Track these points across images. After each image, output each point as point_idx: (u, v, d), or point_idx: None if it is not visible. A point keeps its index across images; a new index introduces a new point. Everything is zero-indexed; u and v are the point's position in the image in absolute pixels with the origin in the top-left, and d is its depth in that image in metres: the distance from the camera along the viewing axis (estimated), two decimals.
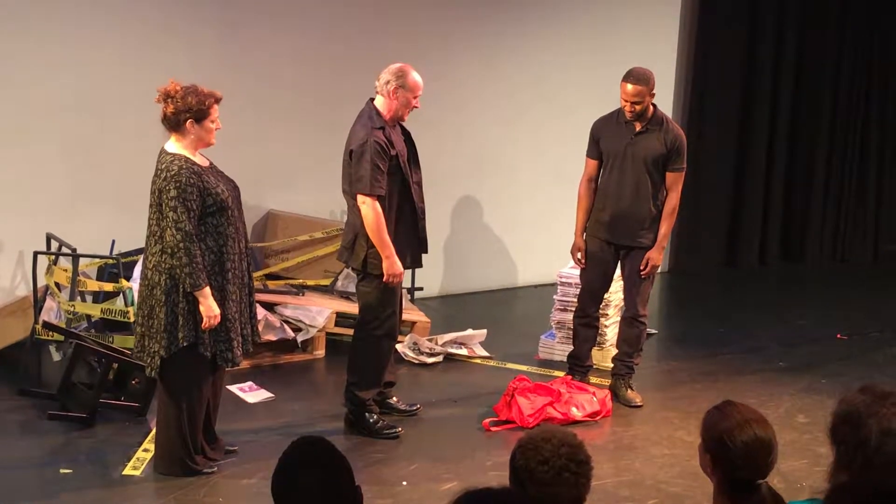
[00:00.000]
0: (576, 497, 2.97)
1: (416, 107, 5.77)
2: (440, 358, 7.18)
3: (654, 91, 6.21)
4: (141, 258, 6.01)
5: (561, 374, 6.71)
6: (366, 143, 5.56)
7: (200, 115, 5.06)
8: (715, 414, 3.19)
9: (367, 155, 5.55)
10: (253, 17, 7.64)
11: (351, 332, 6.22)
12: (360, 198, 5.60)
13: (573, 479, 2.95)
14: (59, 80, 7.02)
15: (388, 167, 5.61)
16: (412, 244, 5.87)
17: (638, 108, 6.16)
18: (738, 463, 3.06)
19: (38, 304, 6.51)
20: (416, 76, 5.74)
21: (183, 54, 7.29)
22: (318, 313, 7.09)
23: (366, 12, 8.02)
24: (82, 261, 6.66)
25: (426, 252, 6.01)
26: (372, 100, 5.75)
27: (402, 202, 5.76)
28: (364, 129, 5.62)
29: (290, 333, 7.03)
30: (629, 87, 6.15)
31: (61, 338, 6.38)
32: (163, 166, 5.04)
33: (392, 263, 5.65)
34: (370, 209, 5.58)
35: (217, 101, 5.12)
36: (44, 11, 6.92)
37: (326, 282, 7.57)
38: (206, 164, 5.18)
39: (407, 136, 5.88)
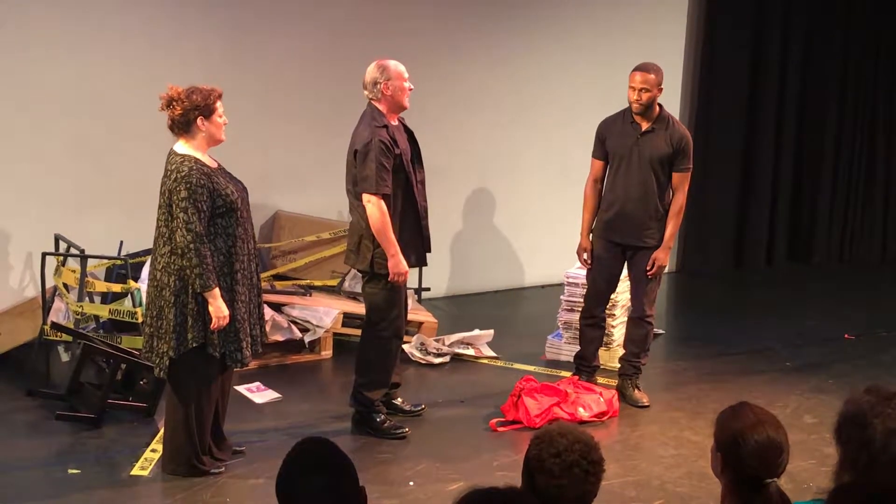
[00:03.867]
0: (582, 494, 3.00)
1: (411, 88, 5.78)
2: (447, 358, 7.19)
3: (661, 86, 6.21)
4: (149, 259, 6.03)
5: (568, 374, 6.71)
6: (370, 142, 5.58)
7: (208, 111, 5.10)
8: (728, 414, 3.20)
9: (372, 154, 5.56)
10: (260, 20, 7.66)
11: (358, 332, 6.23)
12: (365, 197, 5.61)
13: (582, 476, 2.98)
14: (68, 81, 7.04)
15: (392, 166, 5.63)
16: (416, 243, 5.88)
17: (645, 97, 6.15)
18: (749, 463, 3.07)
19: (46, 305, 6.53)
20: (394, 62, 5.75)
21: (191, 57, 7.31)
22: (325, 314, 7.11)
23: (372, 13, 8.03)
24: (90, 262, 6.67)
25: (430, 251, 6.02)
26: (371, 100, 5.76)
27: (406, 201, 5.76)
28: (368, 128, 5.63)
29: (298, 334, 7.04)
30: (637, 75, 6.15)
31: (69, 338, 6.41)
32: (173, 167, 5.05)
33: (397, 262, 5.66)
34: (376, 208, 5.59)
35: (219, 95, 5.16)
36: (51, 14, 6.95)
37: (334, 282, 7.58)
38: (214, 165, 5.20)
39: (410, 135, 5.89)
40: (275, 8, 7.71)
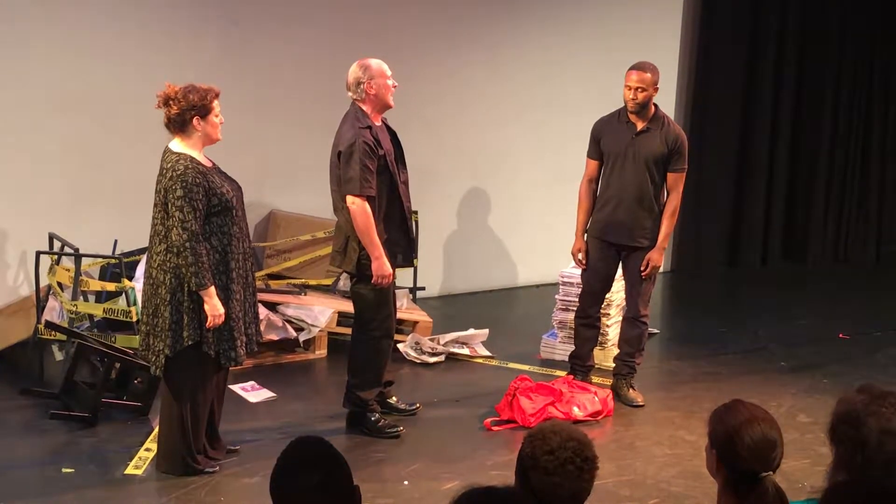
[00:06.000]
0: (576, 491, 3.00)
1: (395, 86, 5.76)
2: (442, 357, 7.19)
3: (657, 86, 6.21)
4: (143, 258, 6.02)
5: (562, 373, 6.72)
6: (354, 143, 5.56)
7: (204, 111, 5.09)
8: (722, 411, 3.22)
9: (356, 155, 5.54)
10: (254, 18, 7.66)
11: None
12: (349, 199, 5.58)
13: (576, 473, 2.98)
14: (62, 80, 7.03)
15: (376, 167, 5.61)
16: (402, 244, 5.86)
17: (641, 96, 6.15)
18: (744, 458, 3.08)
19: (40, 304, 6.52)
20: (376, 61, 5.72)
21: (185, 55, 7.31)
22: (319, 313, 7.10)
23: (368, 12, 8.03)
24: (84, 260, 6.66)
25: (416, 252, 6.01)
26: (355, 101, 5.75)
27: (390, 202, 5.74)
28: (352, 129, 5.61)
29: (292, 333, 7.04)
30: (634, 74, 6.16)
31: (64, 337, 6.39)
32: (168, 165, 5.05)
33: (381, 265, 5.64)
34: (360, 210, 5.57)
35: (216, 95, 5.15)
36: (46, 13, 6.94)
37: (328, 281, 7.58)
38: (209, 164, 5.19)
39: (393, 135, 5.87)
40: (270, 7, 7.70)
